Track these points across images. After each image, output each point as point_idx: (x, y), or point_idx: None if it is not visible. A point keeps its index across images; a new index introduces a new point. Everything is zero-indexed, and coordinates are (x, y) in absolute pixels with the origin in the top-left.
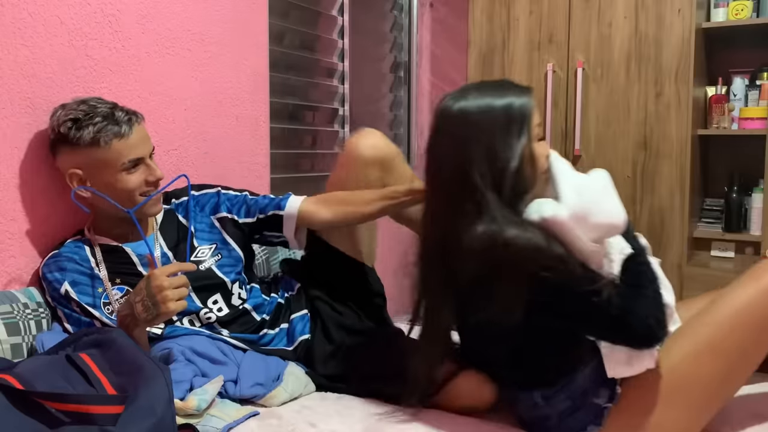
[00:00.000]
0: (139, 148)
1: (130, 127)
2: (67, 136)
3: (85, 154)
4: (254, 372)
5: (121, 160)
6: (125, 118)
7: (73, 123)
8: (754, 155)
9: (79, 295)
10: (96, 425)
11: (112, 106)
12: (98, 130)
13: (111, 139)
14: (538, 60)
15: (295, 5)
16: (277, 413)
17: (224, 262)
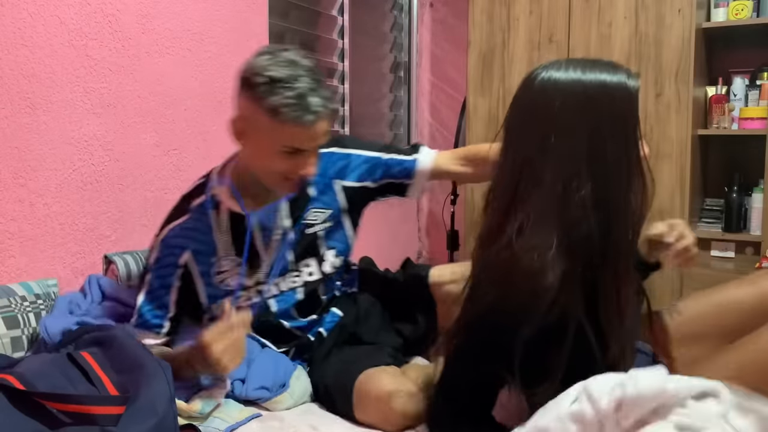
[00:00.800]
0: (309, 142)
1: (314, 120)
2: (257, 87)
3: (258, 113)
4: (263, 374)
5: (285, 143)
6: (315, 108)
7: (270, 81)
8: (754, 155)
9: (199, 265)
10: (97, 426)
11: (315, 85)
12: (283, 105)
13: (288, 120)
14: (538, 60)
15: (295, 5)
16: (279, 416)
17: (332, 230)
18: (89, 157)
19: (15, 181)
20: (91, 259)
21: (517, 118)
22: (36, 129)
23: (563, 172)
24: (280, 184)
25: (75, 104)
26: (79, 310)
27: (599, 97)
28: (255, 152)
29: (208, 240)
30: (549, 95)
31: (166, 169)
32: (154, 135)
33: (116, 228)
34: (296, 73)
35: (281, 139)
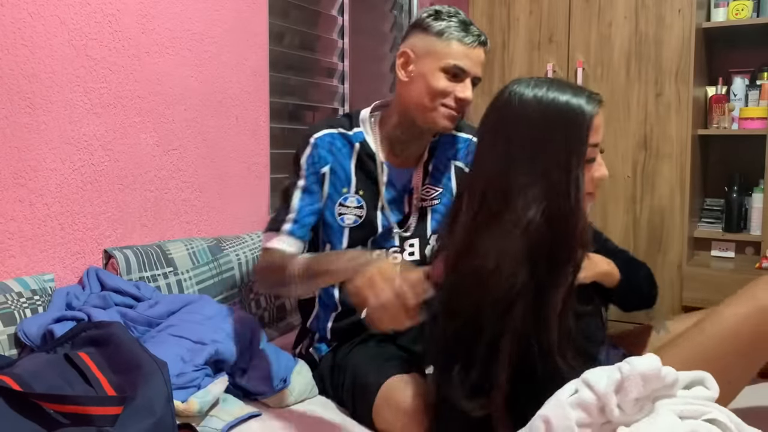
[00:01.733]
0: (466, 62)
1: (475, 42)
2: (423, 21)
3: (426, 39)
4: (264, 365)
5: (449, 59)
6: (476, 34)
7: (435, 13)
8: (754, 155)
9: (330, 186)
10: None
11: (473, 24)
12: (448, 26)
13: (453, 39)
14: (538, 60)
15: (295, 5)
16: (279, 415)
17: (439, 210)
18: (89, 157)
19: (15, 181)
20: (92, 259)
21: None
22: (36, 129)
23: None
24: (437, 113)
25: (75, 104)
26: (77, 302)
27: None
28: (417, 79)
29: (347, 168)
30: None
31: (166, 169)
32: (154, 135)
33: (116, 228)
34: (457, 11)
35: (446, 55)
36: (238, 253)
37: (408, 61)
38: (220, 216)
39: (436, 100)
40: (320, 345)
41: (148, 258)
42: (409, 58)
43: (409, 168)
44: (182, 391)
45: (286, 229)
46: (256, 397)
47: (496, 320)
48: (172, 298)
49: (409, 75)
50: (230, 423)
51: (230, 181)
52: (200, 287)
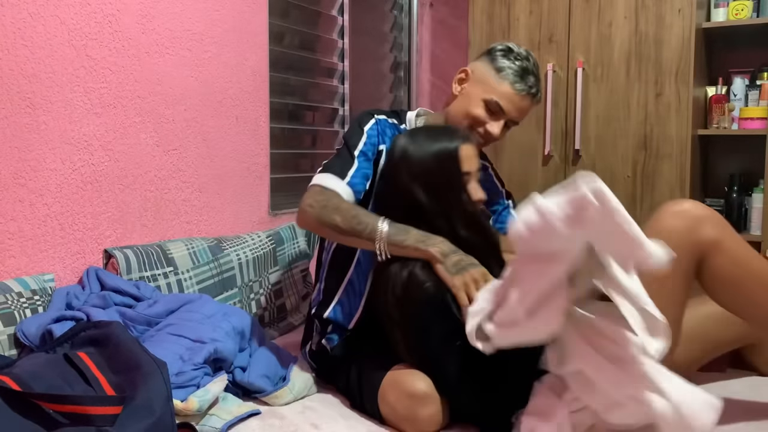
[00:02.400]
0: (508, 105)
1: (524, 92)
2: (494, 51)
3: (486, 70)
4: (264, 363)
5: (492, 95)
6: (529, 85)
7: (507, 50)
8: (754, 155)
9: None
10: (94, 426)
11: (536, 74)
12: (509, 67)
13: (506, 80)
14: (538, 60)
15: (295, 5)
16: (279, 413)
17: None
18: (89, 157)
19: (15, 181)
20: (92, 259)
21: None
22: (36, 129)
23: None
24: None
25: (75, 104)
26: (77, 302)
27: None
28: (464, 98)
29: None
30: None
31: (166, 169)
32: (154, 135)
33: (116, 228)
34: (529, 57)
35: (493, 90)
36: (239, 253)
37: (465, 79)
38: (220, 216)
39: (468, 123)
40: (332, 335)
41: (148, 258)
42: (467, 76)
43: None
44: (182, 390)
45: (348, 179)
46: (256, 395)
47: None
48: (171, 298)
49: (460, 91)
50: (230, 421)
51: (230, 181)
52: (200, 287)
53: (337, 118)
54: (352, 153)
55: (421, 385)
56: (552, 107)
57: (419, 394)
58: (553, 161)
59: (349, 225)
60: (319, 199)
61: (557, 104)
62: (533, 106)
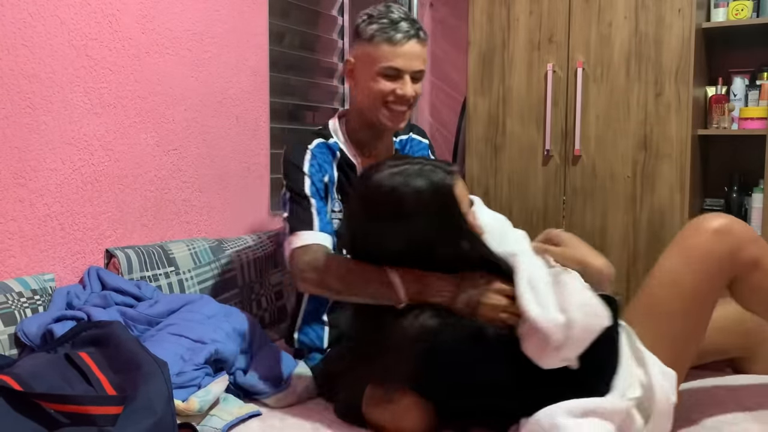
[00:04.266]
0: (403, 61)
1: (405, 39)
2: (358, 27)
3: (361, 47)
4: (266, 365)
5: (382, 62)
6: (405, 29)
7: (368, 18)
8: (754, 155)
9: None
10: (95, 426)
11: (405, 16)
12: (377, 29)
13: (382, 42)
14: (538, 60)
15: (295, 5)
16: (279, 415)
17: None
18: (89, 157)
19: (15, 181)
20: (92, 259)
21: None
22: (36, 129)
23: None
24: (383, 112)
25: (75, 104)
26: (78, 301)
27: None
28: (361, 84)
29: (333, 175)
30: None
31: (166, 169)
32: (154, 135)
33: (116, 228)
34: (388, 9)
35: (379, 59)
36: (240, 254)
37: (352, 69)
38: (220, 216)
39: (380, 101)
40: (313, 355)
41: (149, 257)
42: (352, 65)
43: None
44: (182, 391)
45: (318, 226)
46: (257, 396)
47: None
48: (172, 298)
49: (355, 81)
50: (230, 422)
51: (230, 181)
52: (201, 287)
53: None
54: (305, 196)
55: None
56: (552, 107)
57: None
58: (553, 161)
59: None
60: (308, 261)
61: (557, 104)
62: (424, 46)
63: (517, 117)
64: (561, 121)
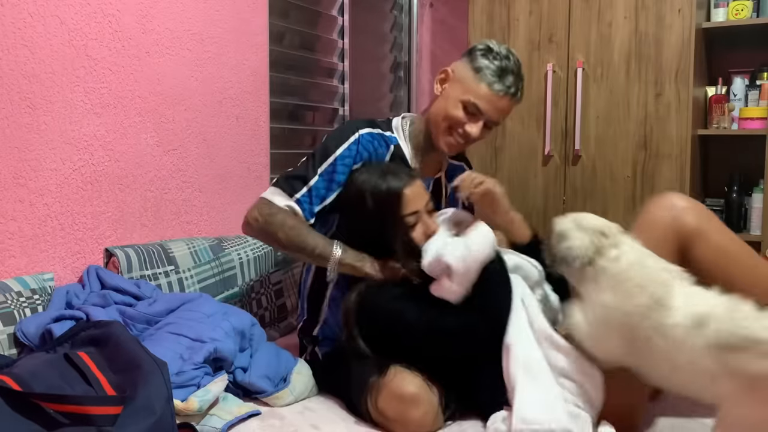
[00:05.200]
0: (486, 106)
1: (502, 93)
2: (474, 50)
3: (465, 70)
4: (265, 364)
5: (470, 96)
6: (507, 85)
7: (487, 49)
8: (754, 155)
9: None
10: (94, 426)
11: (517, 72)
12: (486, 67)
13: (483, 81)
14: (538, 60)
15: (295, 5)
16: (279, 414)
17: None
18: (89, 157)
19: (15, 181)
20: (92, 259)
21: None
22: (36, 129)
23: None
24: (444, 136)
25: (75, 104)
26: (77, 300)
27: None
28: (444, 98)
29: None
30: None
31: (166, 169)
32: (154, 135)
33: (116, 228)
34: (509, 56)
35: (471, 91)
36: (240, 252)
37: (446, 79)
38: (220, 216)
39: (447, 123)
40: (324, 344)
41: (149, 256)
42: (447, 76)
43: (427, 178)
44: (182, 390)
45: (298, 196)
46: (257, 396)
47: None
48: (171, 297)
49: (441, 91)
50: (230, 422)
51: (230, 181)
52: (201, 286)
53: (337, 118)
54: (316, 168)
55: (410, 387)
56: (552, 107)
57: (408, 396)
58: (553, 161)
59: (291, 242)
60: (264, 213)
61: (557, 104)
62: (513, 105)
63: (517, 117)
64: (561, 121)
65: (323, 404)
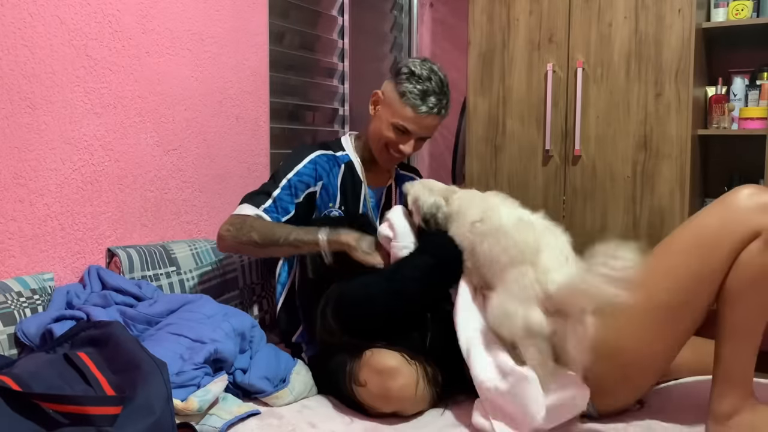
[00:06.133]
0: (413, 126)
1: (427, 112)
2: (399, 74)
3: (392, 93)
4: (265, 365)
5: (398, 119)
6: (430, 106)
7: (410, 73)
8: (754, 155)
9: (319, 199)
10: (94, 426)
11: (438, 91)
12: (409, 92)
13: (408, 104)
14: (538, 60)
15: (295, 5)
16: (277, 413)
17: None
18: (89, 157)
19: (15, 181)
20: (92, 259)
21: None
22: (36, 129)
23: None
24: (382, 153)
25: (75, 104)
26: (77, 300)
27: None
28: (378, 119)
29: (334, 186)
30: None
31: (166, 169)
32: (154, 135)
33: (116, 228)
34: (431, 77)
35: (398, 115)
36: (242, 255)
37: (378, 101)
38: (220, 216)
39: (383, 143)
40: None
41: (151, 257)
42: (378, 99)
43: (379, 187)
44: (182, 390)
45: (266, 207)
46: (256, 396)
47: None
48: (171, 297)
49: (375, 113)
50: (230, 421)
51: (230, 181)
52: (202, 287)
53: (337, 118)
54: (278, 183)
55: (389, 361)
56: (552, 107)
57: (387, 368)
58: (553, 161)
59: (266, 238)
60: (235, 222)
61: (557, 104)
62: (440, 120)
63: (517, 117)
64: (561, 121)
65: (321, 403)
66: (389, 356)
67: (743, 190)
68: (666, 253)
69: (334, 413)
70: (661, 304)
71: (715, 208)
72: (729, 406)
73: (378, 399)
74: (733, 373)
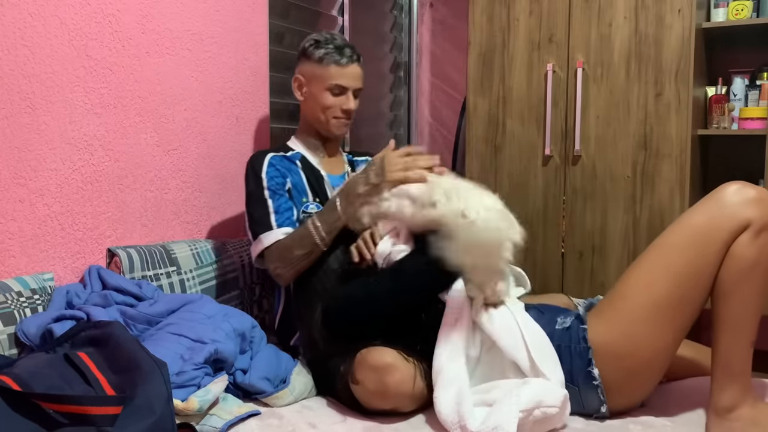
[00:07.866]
0: (348, 80)
1: (349, 62)
2: (306, 50)
3: (310, 67)
4: (265, 365)
5: (330, 81)
6: (349, 54)
7: (315, 43)
8: (754, 155)
9: (295, 196)
10: (94, 426)
11: (347, 45)
12: (325, 53)
13: (331, 63)
14: (538, 60)
15: (295, 5)
16: (277, 413)
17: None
18: (89, 157)
19: (15, 181)
20: (92, 259)
21: None
22: (36, 129)
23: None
24: (329, 122)
25: (75, 104)
26: (78, 300)
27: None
28: (310, 98)
29: (301, 181)
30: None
31: (166, 169)
32: (154, 135)
33: (116, 228)
34: (333, 36)
35: (327, 78)
36: (242, 255)
37: (301, 85)
38: (220, 216)
39: (327, 113)
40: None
41: (151, 257)
42: (301, 82)
43: (338, 175)
44: (182, 390)
45: (276, 223)
46: (256, 396)
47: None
48: (172, 297)
49: (304, 96)
50: (230, 421)
51: (230, 181)
52: (203, 287)
53: None
54: (263, 198)
55: (385, 358)
56: (552, 107)
57: (383, 364)
58: (553, 161)
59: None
60: (274, 258)
61: (557, 104)
62: (362, 68)
63: (517, 117)
64: (561, 121)
65: (321, 403)
66: (385, 353)
67: (730, 186)
68: (662, 252)
69: (334, 414)
70: (662, 302)
71: (705, 205)
72: (729, 399)
73: (375, 396)
74: (732, 365)
